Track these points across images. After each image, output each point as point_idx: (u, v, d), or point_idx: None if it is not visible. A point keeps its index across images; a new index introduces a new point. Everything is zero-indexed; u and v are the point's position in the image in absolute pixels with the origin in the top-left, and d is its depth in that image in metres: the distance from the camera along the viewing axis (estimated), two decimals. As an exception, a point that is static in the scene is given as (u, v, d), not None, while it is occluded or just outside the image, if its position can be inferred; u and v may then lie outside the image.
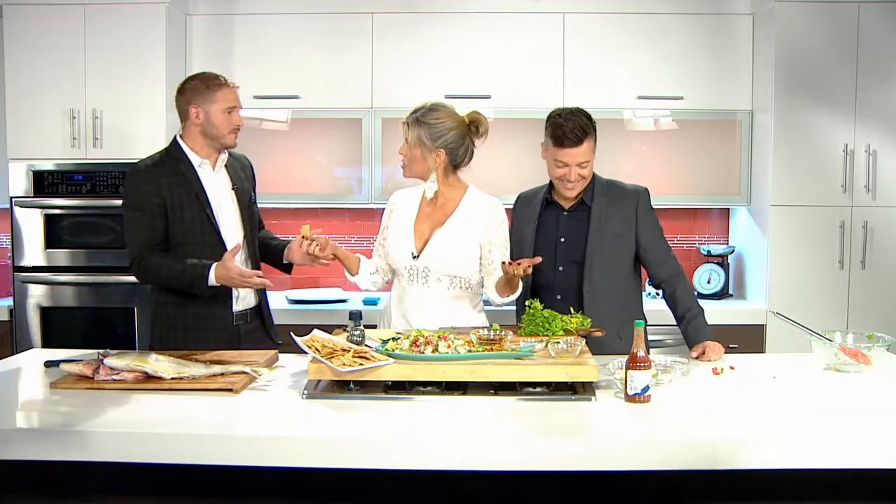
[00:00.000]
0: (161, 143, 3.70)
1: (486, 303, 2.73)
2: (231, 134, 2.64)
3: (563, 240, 2.62)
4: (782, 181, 3.73)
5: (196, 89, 2.61)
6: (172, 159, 2.64)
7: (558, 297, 2.61)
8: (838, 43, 3.69)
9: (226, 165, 2.71)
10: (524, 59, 3.92)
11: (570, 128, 2.49)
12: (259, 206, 2.89)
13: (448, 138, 2.53)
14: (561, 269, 2.61)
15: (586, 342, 2.17)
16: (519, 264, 2.32)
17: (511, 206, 2.78)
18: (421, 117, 2.53)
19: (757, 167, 3.90)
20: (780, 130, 3.72)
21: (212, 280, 2.51)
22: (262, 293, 2.78)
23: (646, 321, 2.67)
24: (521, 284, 2.56)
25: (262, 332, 2.76)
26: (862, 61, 3.69)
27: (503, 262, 2.37)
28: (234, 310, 2.66)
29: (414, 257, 2.59)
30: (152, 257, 2.58)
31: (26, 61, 3.72)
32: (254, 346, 2.62)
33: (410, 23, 3.92)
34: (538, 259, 2.38)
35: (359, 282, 2.72)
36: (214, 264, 2.51)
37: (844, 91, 3.70)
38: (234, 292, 2.66)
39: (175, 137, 2.68)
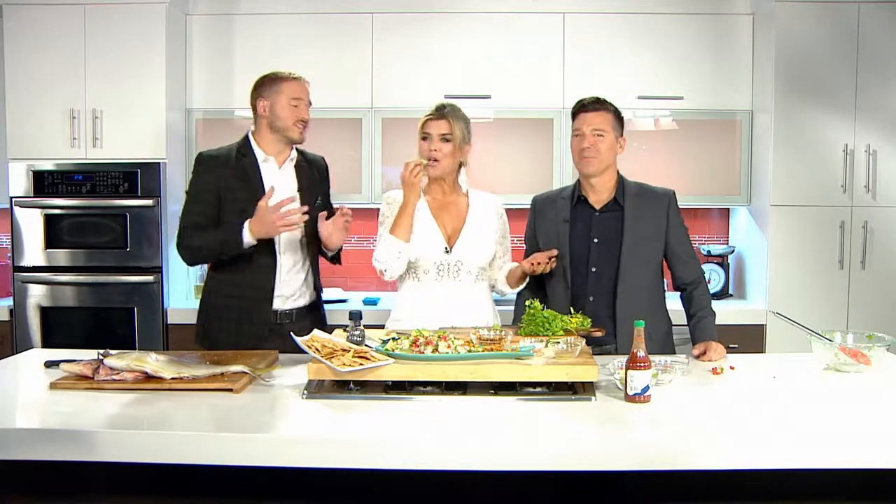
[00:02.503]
0: (161, 143, 3.74)
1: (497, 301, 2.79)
2: (295, 126, 2.66)
3: (596, 241, 2.60)
4: (782, 181, 3.73)
5: (263, 83, 2.69)
6: (239, 153, 2.68)
7: (591, 298, 2.58)
8: (838, 43, 3.69)
9: (295, 166, 2.72)
10: (524, 59, 3.92)
11: (589, 99, 2.61)
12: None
13: (470, 136, 2.64)
14: (594, 269, 2.59)
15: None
16: (539, 263, 2.47)
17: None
18: (459, 113, 2.61)
19: (757, 167, 3.90)
20: (780, 130, 3.72)
21: (247, 236, 2.52)
22: (317, 293, 2.79)
23: (671, 323, 2.69)
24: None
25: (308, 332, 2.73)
26: (862, 61, 3.69)
27: (529, 264, 2.50)
28: (275, 308, 2.66)
29: (447, 252, 2.61)
30: (195, 233, 2.62)
31: (26, 61, 3.72)
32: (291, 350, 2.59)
33: (410, 23, 3.92)
34: (555, 251, 2.53)
35: (406, 250, 2.57)
36: (248, 220, 2.52)
37: (844, 91, 3.70)
38: (278, 291, 2.65)
39: (247, 133, 2.72)
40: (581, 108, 2.61)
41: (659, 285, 2.67)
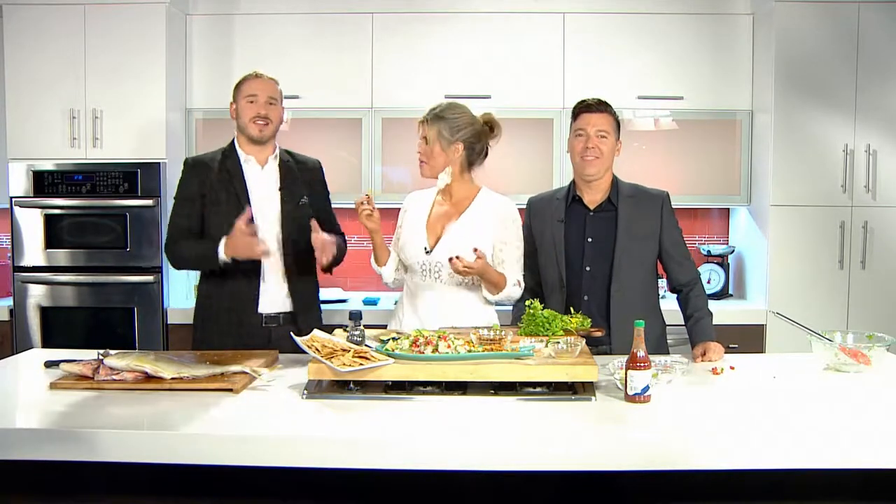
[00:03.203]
0: (161, 143, 3.74)
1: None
2: (251, 123, 2.66)
3: (590, 240, 2.61)
4: (782, 181, 3.73)
5: (234, 87, 2.73)
6: (223, 156, 2.72)
7: (585, 297, 2.60)
8: (838, 43, 3.69)
9: (281, 165, 2.73)
10: (524, 58, 3.92)
11: (591, 100, 2.62)
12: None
13: (466, 133, 2.59)
14: (588, 269, 2.60)
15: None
16: (453, 259, 2.41)
17: (517, 206, 2.78)
18: (439, 113, 2.59)
19: (757, 167, 3.90)
20: (780, 130, 3.72)
21: (221, 253, 2.55)
22: (297, 300, 2.73)
23: (664, 324, 2.69)
24: (508, 280, 2.57)
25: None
26: (862, 61, 3.69)
27: (450, 260, 2.43)
28: (260, 311, 2.68)
29: (427, 252, 2.60)
30: (181, 240, 2.66)
31: (26, 61, 3.72)
32: (289, 350, 2.56)
33: (410, 23, 3.92)
34: (479, 253, 2.43)
35: (385, 272, 2.70)
36: (225, 237, 2.55)
37: (844, 91, 3.70)
38: (261, 294, 2.67)
39: (234, 136, 2.76)
40: (585, 108, 2.61)
41: (653, 286, 2.68)
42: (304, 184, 2.78)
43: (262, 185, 2.71)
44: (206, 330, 2.71)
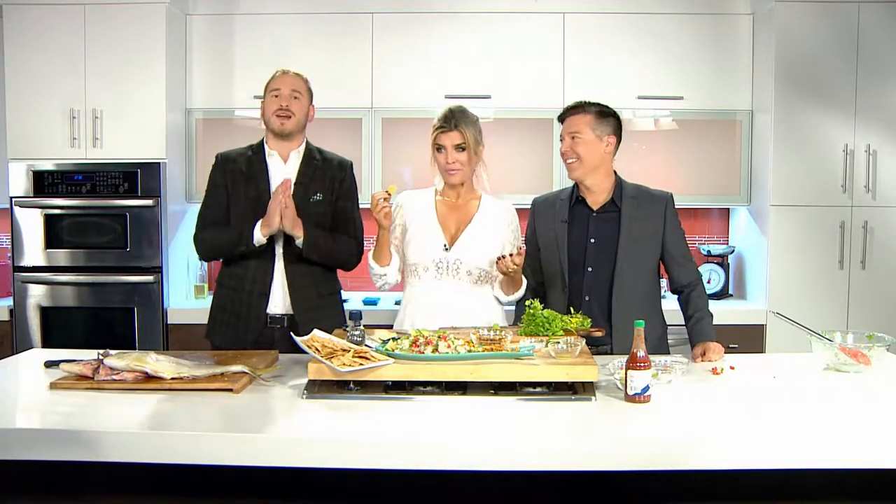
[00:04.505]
0: (161, 143, 3.74)
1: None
2: (274, 117, 2.69)
3: (592, 241, 2.61)
4: (782, 181, 3.73)
5: (264, 87, 2.77)
6: (252, 150, 2.76)
7: (587, 297, 2.60)
8: (838, 43, 3.69)
9: (305, 161, 2.74)
10: (524, 59, 3.92)
11: (570, 104, 2.63)
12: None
13: (482, 135, 2.66)
14: (590, 269, 2.60)
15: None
16: (504, 257, 2.44)
17: (518, 206, 2.79)
18: (466, 117, 2.60)
19: (757, 167, 3.90)
20: (780, 130, 3.72)
21: (258, 234, 2.57)
22: (296, 300, 2.70)
23: (665, 326, 2.69)
24: (524, 281, 2.61)
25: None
26: (862, 61, 3.69)
27: (497, 261, 2.46)
28: (267, 311, 2.68)
29: (446, 249, 2.61)
30: (209, 228, 2.70)
31: (26, 61, 3.72)
32: (289, 351, 2.56)
33: (410, 23, 3.92)
34: (523, 250, 2.51)
35: (389, 272, 2.65)
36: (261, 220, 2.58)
37: (844, 91, 3.70)
38: (271, 294, 2.68)
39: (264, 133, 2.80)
40: (561, 114, 2.63)
41: (655, 287, 2.68)
42: (323, 181, 2.75)
43: (280, 177, 2.68)
44: (216, 322, 2.74)
